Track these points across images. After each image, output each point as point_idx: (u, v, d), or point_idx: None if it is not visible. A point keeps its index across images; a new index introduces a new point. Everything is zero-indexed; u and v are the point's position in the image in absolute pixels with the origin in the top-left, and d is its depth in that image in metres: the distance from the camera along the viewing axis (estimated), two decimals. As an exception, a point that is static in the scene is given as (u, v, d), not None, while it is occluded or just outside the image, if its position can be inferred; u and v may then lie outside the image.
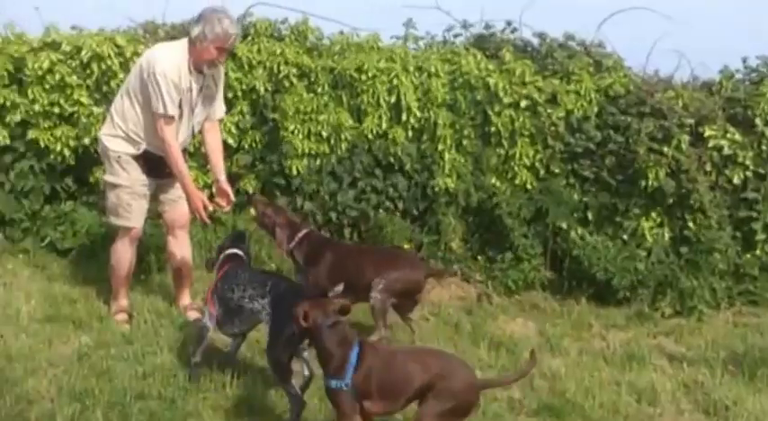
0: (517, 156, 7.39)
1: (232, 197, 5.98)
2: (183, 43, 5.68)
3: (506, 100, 7.32)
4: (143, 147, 5.73)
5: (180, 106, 5.61)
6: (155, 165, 5.77)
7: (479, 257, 7.50)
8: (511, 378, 4.62)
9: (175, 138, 5.62)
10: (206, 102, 5.83)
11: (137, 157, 5.76)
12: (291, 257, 5.94)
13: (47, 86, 7.28)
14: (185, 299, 6.19)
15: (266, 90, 7.43)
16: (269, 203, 6.21)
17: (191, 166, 6.57)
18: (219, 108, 6.04)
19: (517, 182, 7.43)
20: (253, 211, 5.90)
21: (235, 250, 5.31)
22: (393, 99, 7.35)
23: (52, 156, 7.31)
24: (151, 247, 6.87)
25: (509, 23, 7.99)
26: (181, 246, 6.11)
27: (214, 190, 6.12)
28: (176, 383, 4.85)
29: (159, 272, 6.86)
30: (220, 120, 6.22)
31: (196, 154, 6.95)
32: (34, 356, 5.12)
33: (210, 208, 5.70)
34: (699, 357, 6.08)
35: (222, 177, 5.93)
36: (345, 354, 4.09)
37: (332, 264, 5.75)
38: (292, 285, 5.00)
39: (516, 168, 7.41)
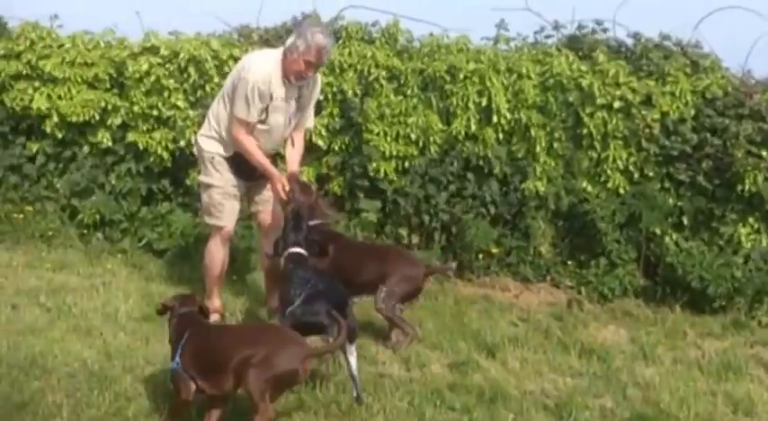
0: (610, 158, 7.27)
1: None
2: (278, 52, 5.74)
3: (599, 101, 7.21)
4: (233, 149, 5.82)
5: (267, 113, 5.67)
6: (245, 168, 5.85)
7: (569, 262, 7.40)
8: (332, 345, 4.58)
9: (248, 138, 5.70)
10: (300, 111, 5.88)
11: (228, 159, 5.87)
12: None
13: (146, 90, 7.50)
14: (276, 300, 6.25)
15: (354, 93, 7.47)
16: (302, 183, 6.01)
17: (281, 170, 6.65)
18: (310, 117, 6.08)
19: (609, 185, 7.30)
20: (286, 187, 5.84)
21: (295, 249, 5.33)
22: (483, 101, 7.31)
23: (150, 159, 7.53)
24: (243, 249, 7.01)
25: (599, 23, 7.87)
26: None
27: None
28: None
29: (251, 273, 6.97)
30: (308, 129, 6.24)
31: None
32: (132, 354, 5.24)
33: (288, 188, 5.70)
34: (797, 368, 5.89)
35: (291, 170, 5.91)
36: (179, 337, 4.39)
37: (333, 256, 5.74)
38: (328, 286, 5.02)
39: (609, 171, 7.29)
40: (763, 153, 6.97)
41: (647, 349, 6.04)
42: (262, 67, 5.66)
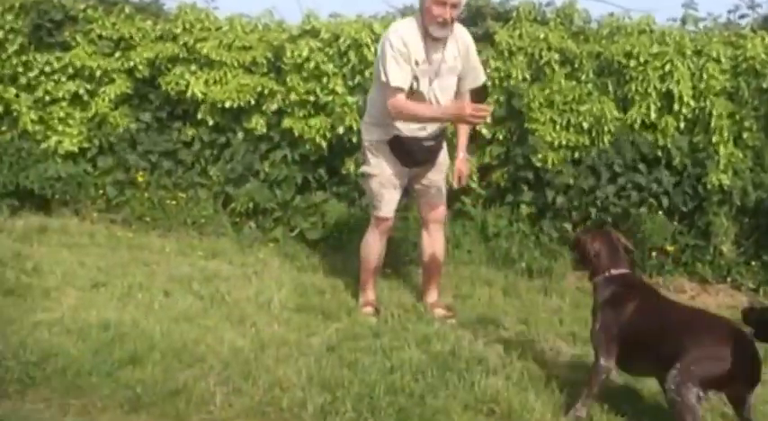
0: (808, 151, 7.04)
1: (463, 181, 6.20)
2: (416, 15, 5.78)
3: (799, 88, 6.99)
4: (393, 132, 5.87)
5: (417, 80, 5.69)
6: (406, 152, 5.91)
7: (753, 263, 7.21)
8: None
9: (406, 102, 5.65)
10: (449, 75, 5.84)
11: (389, 143, 5.92)
12: (594, 292, 4.96)
13: (304, 74, 7.76)
14: (433, 295, 6.38)
15: (523, 78, 7.51)
16: (594, 232, 5.25)
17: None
18: (473, 78, 6.04)
19: (806, 181, 7.06)
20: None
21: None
22: (665, 87, 7.22)
23: (307, 146, 7.80)
24: (399, 241, 7.17)
25: (804, 2, 7.62)
26: (433, 242, 6.26)
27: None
28: (424, 380, 4.98)
29: (407, 266, 7.14)
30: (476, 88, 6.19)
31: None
32: (286, 344, 5.45)
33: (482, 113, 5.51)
34: None
35: (461, 154, 6.10)
36: None
37: (632, 315, 4.66)
38: None
39: (806, 166, 7.06)
40: None
41: None
42: (399, 31, 5.69)
